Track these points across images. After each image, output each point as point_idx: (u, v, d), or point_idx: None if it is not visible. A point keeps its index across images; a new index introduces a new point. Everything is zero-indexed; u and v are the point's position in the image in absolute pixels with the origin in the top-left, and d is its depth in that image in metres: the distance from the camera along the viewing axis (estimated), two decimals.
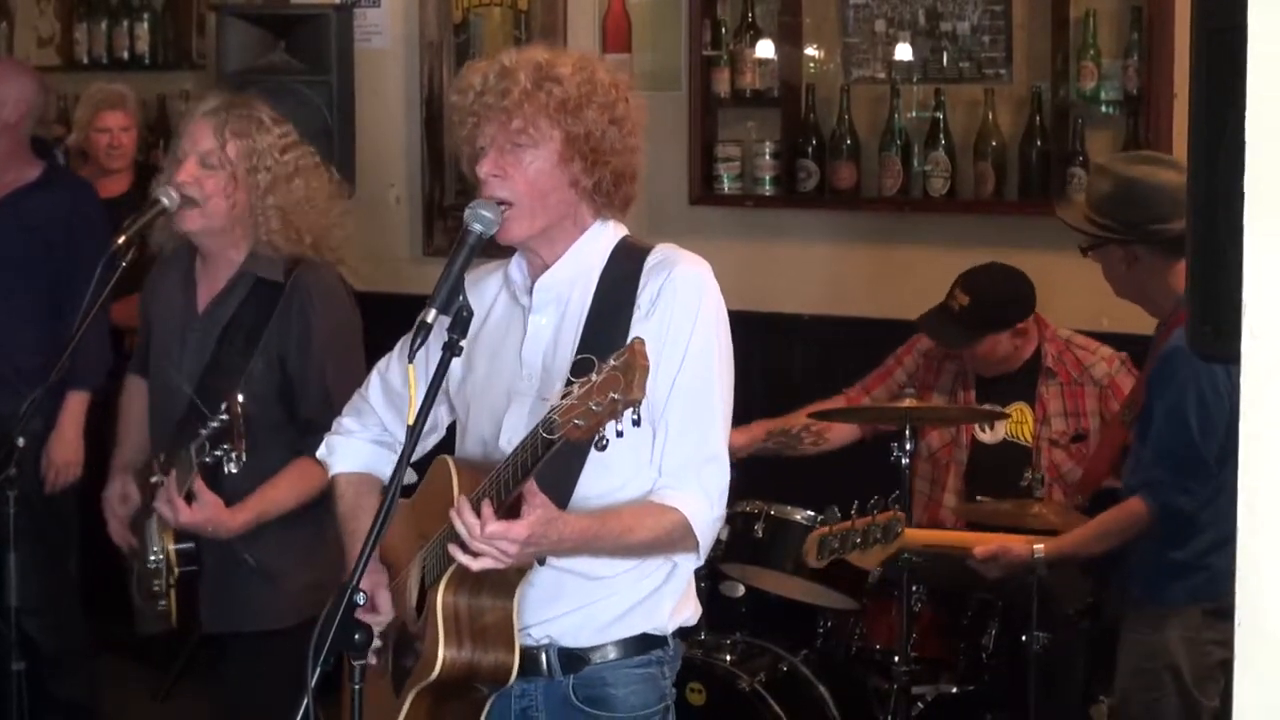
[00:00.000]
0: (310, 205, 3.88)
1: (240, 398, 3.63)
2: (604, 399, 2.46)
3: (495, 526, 2.66)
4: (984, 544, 4.21)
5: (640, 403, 2.46)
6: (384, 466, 3.20)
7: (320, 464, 3.28)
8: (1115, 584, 4.19)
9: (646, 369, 2.46)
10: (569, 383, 2.54)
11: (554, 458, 2.61)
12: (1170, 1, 5.19)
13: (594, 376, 2.49)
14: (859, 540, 4.18)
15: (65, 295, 4.91)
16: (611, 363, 2.48)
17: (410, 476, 3.16)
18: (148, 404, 4.05)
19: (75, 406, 5.19)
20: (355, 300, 3.98)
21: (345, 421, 3.24)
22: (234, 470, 3.63)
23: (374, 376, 3.21)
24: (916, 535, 4.24)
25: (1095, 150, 5.44)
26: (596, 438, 2.49)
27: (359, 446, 3.20)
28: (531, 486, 2.66)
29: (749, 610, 4.96)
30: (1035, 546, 4.12)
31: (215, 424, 3.63)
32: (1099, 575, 4.32)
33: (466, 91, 2.89)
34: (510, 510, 2.69)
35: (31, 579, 5.18)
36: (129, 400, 4.19)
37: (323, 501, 3.60)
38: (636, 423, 2.48)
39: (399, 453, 3.14)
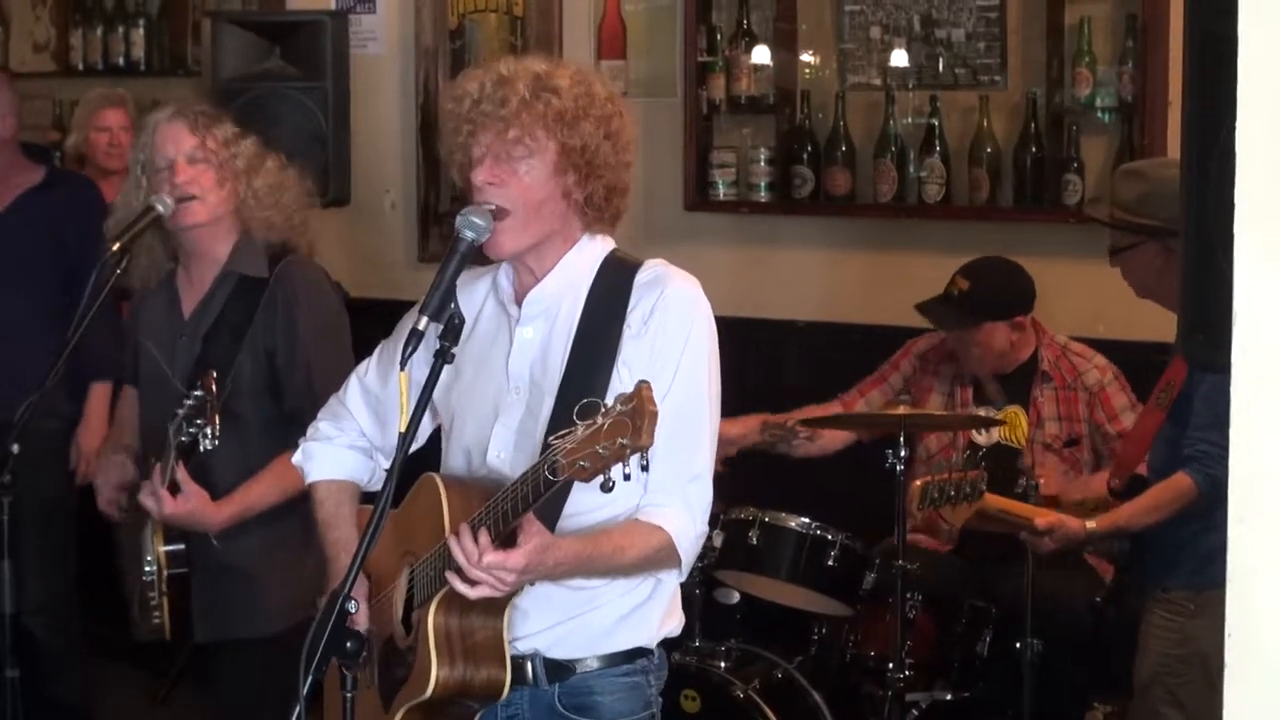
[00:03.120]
0: (284, 186, 3.94)
1: (215, 373, 3.65)
2: (611, 444, 2.46)
3: (493, 557, 2.66)
4: (1044, 517, 4.23)
5: (649, 449, 2.46)
6: (362, 473, 3.19)
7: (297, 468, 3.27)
8: (1139, 568, 4.18)
9: (655, 415, 2.45)
10: (571, 419, 2.54)
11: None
12: (1165, 9, 5.19)
13: (600, 420, 2.48)
14: (953, 493, 4.19)
15: (79, 296, 4.94)
16: (619, 407, 2.47)
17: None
18: (139, 413, 4.07)
19: (100, 396, 5.29)
20: (340, 294, 4.00)
21: (322, 426, 3.22)
22: (209, 447, 3.64)
23: (352, 381, 3.20)
24: (992, 500, 4.26)
25: (1090, 157, 5.45)
26: (602, 480, 2.49)
27: (336, 453, 3.18)
28: (529, 516, 2.67)
29: (743, 617, 4.96)
30: (1088, 524, 4.13)
31: (191, 401, 3.65)
32: (1123, 561, 4.32)
33: (463, 99, 2.88)
34: (506, 538, 2.69)
35: (38, 578, 5.21)
36: (123, 403, 4.27)
37: (307, 505, 3.61)
38: (645, 468, 2.48)
39: (377, 458, 3.16)
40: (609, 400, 2.52)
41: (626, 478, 2.48)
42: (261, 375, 3.84)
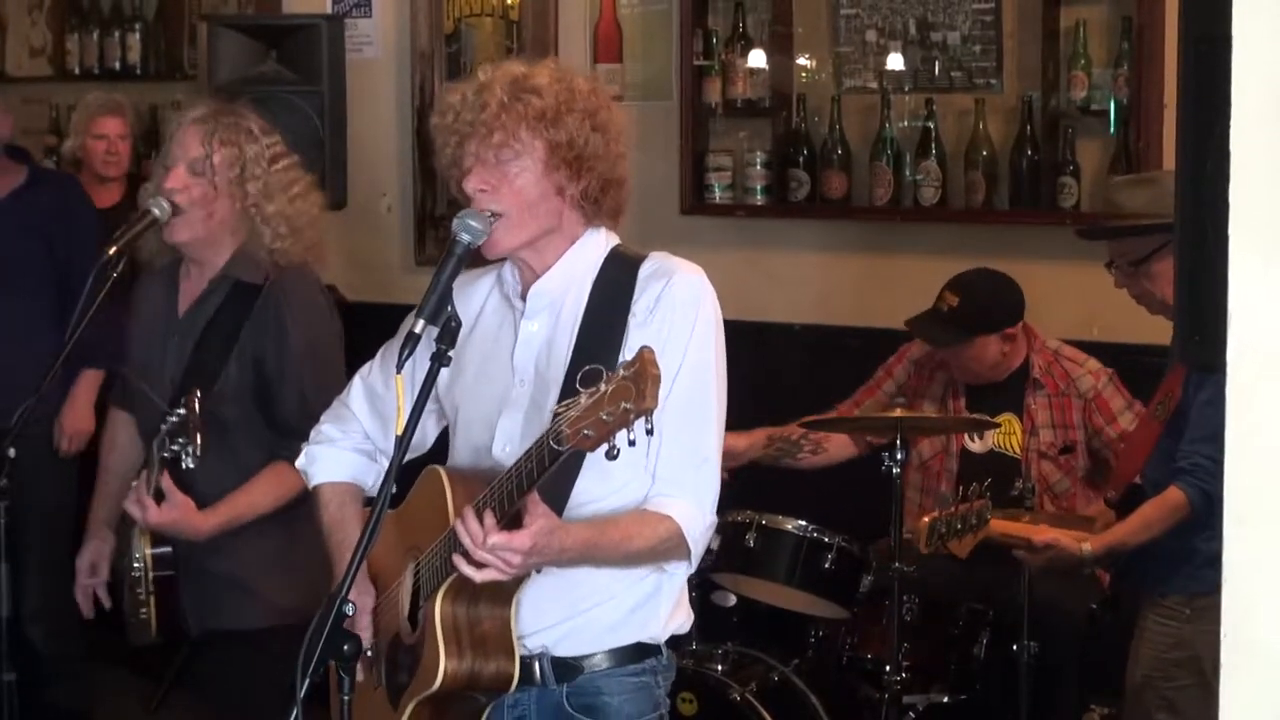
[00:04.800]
0: (300, 214, 3.89)
1: (199, 393, 3.64)
2: (615, 409, 2.45)
3: (499, 537, 2.66)
4: (1042, 534, 4.23)
5: (653, 411, 2.45)
6: (366, 476, 3.18)
7: (300, 472, 3.25)
8: (1136, 574, 4.18)
9: (658, 378, 2.45)
10: (576, 392, 2.54)
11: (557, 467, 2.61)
12: (1161, 11, 5.20)
13: (604, 386, 2.48)
14: (959, 526, 4.19)
15: (73, 296, 4.94)
16: (622, 372, 2.47)
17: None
18: (132, 430, 4.05)
19: (89, 381, 5.32)
20: (333, 304, 3.98)
21: (326, 429, 3.21)
22: (191, 465, 3.62)
23: (356, 382, 3.20)
24: (996, 525, 4.26)
25: (1086, 160, 5.45)
26: (608, 447, 2.49)
27: (341, 456, 3.18)
28: (534, 496, 2.66)
29: (740, 620, 4.96)
30: (1084, 546, 4.12)
31: (174, 418, 3.64)
32: (1119, 567, 4.32)
33: (446, 113, 2.90)
34: (512, 520, 2.69)
35: (38, 585, 5.20)
36: (111, 439, 4.18)
37: (294, 505, 3.60)
38: (650, 431, 2.47)
39: (381, 461, 3.15)
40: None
41: (632, 444, 2.48)
42: (249, 382, 3.82)
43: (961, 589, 4.85)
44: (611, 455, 2.50)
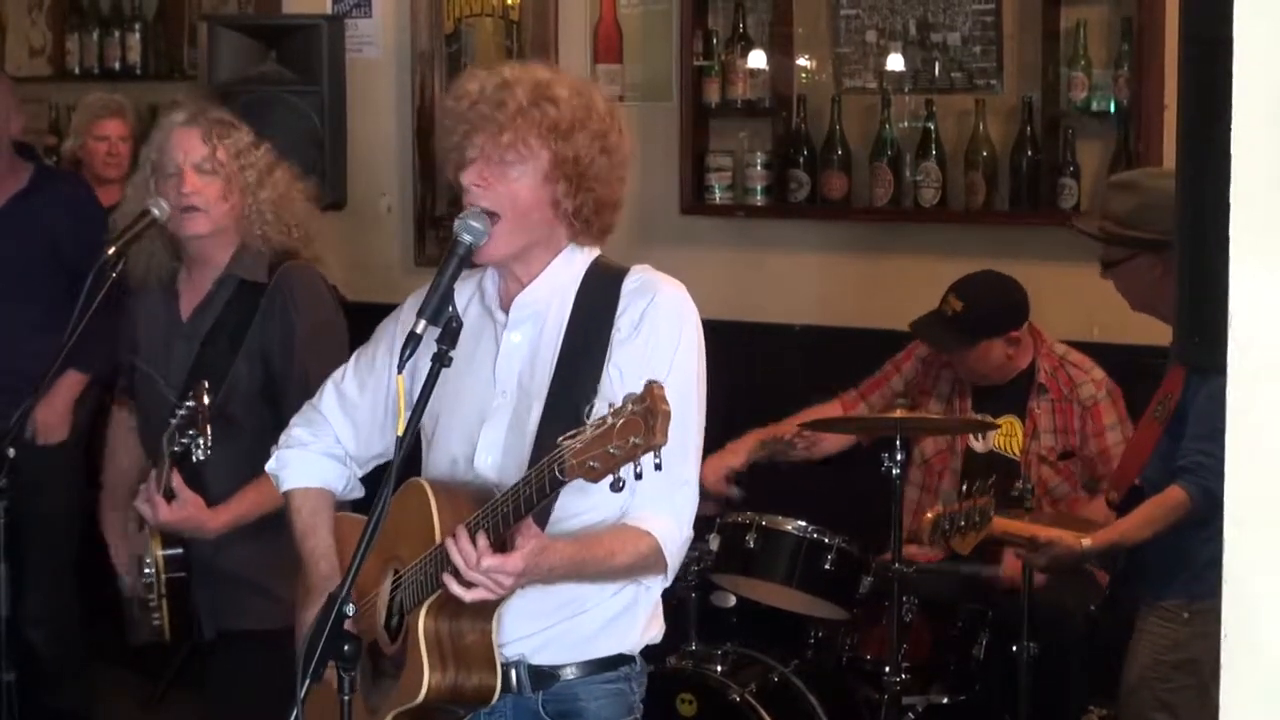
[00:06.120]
0: (290, 199, 3.92)
1: (206, 384, 3.65)
2: (624, 443, 2.46)
3: (492, 560, 2.66)
4: (1046, 532, 4.23)
5: (663, 447, 2.46)
6: (337, 481, 3.17)
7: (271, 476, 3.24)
8: (1136, 577, 4.19)
9: (669, 414, 2.45)
10: (560, 408, 2.54)
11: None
12: (1161, 13, 5.20)
13: (610, 419, 2.48)
14: (963, 524, 4.20)
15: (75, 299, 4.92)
16: (631, 407, 2.47)
17: (358, 491, 3.16)
18: (135, 426, 4.05)
19: (71, 380, 5.18)
20: (338, 300, 4.00)
21: (296, 433, 3.20)
22: (201, 458, 3.64)
23: (329, 387, 3.18)
24: (999, 524, 4.27)
25: (1086, 161, 5.45)
26: (613, 479, 2.49)
27: (312, 460, 3.17)
28: (527, 520, 2.67)
29: (740, 621, 4.96)
30: (1084, 541, 4.13)
31: (183, 411, 3.65)
32: (1119, 570, 4.33)
33: (463, 98, 2.87)
34: (501, 542, 2.69)
35: (39, 592, 5.19)
36: (116, 428, 4.20)
37: None
38: (658, 467, 2.48)
39: (351, 466, 3.16)
40: (616, 403, 2.52)
41: (639, 476, 2.48)
42: (258, 380, 3.84)
43: (961, 590, 4.85)
44: (616, 487, 2.50)
